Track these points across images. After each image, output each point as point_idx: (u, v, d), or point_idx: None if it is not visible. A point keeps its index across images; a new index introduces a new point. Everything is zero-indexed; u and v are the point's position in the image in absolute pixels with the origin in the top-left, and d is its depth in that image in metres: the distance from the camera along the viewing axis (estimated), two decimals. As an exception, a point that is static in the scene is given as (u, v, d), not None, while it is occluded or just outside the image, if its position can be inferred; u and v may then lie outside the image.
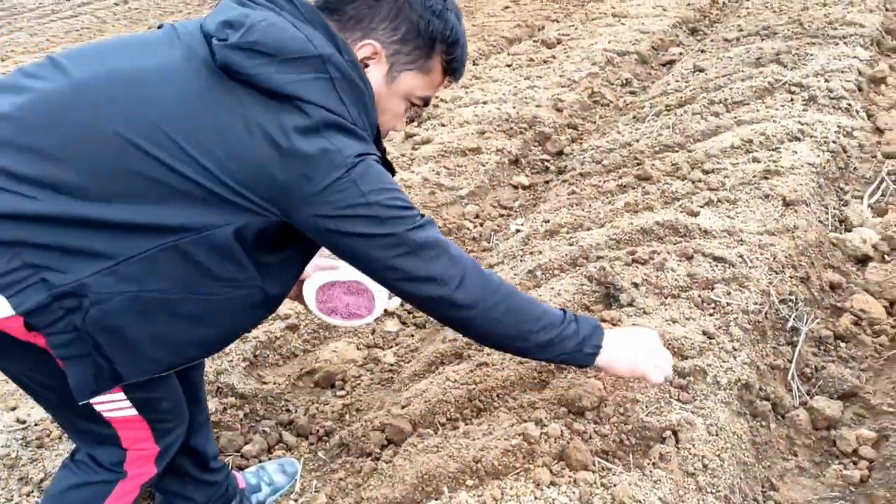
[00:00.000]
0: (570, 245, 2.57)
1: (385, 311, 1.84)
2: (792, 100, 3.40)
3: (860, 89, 3.68)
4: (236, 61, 1.22)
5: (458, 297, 1.37)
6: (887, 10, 5.35)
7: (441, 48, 1.40)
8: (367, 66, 1.36)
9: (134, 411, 1.40)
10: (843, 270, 2.46)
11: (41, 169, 1.17)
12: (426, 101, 1.47)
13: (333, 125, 1.25)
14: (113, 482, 1.48)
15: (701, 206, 2.64)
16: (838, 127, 3.17)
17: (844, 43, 4.22)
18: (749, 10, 5.45)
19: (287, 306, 2.59)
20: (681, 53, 5.29)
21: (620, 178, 3.09)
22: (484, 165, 3.68)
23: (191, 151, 1.20)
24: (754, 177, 2.77)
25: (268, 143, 1.22)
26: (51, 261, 1.17)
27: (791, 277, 2.30)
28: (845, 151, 3.06)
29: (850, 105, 3.37)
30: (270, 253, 1.34)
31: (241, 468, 2.04)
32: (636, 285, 2.24)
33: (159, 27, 1.37)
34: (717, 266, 2.30)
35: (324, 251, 1.46)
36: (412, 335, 2.60)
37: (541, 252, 2.62)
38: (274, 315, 2.41)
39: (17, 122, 1.19)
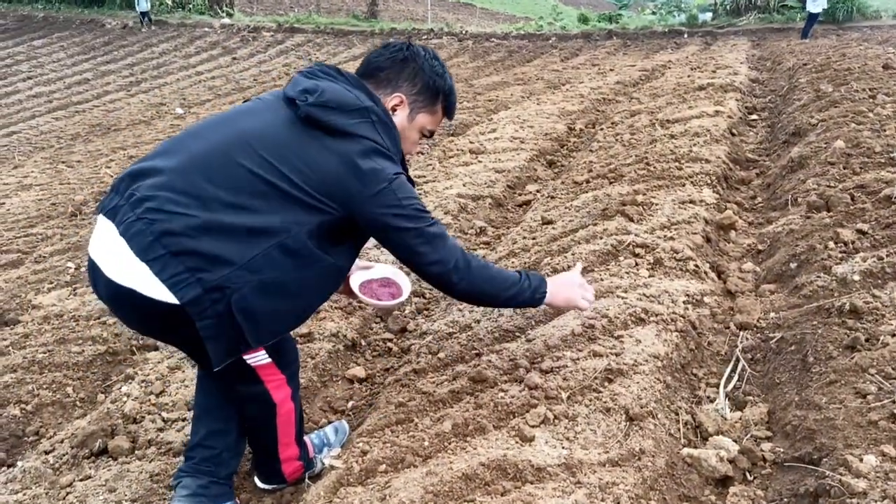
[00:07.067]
0: (382, 502, 2.09)
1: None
2: (637, 264, 3.14)
3: (708, 240, 3.48)
4: (315, 113, 1.87)
5: (454, 273, 2.08)
6: (733, 134, 5.38)
7: (442, 96, 2.13)
8: (395, 110, 2.07)
9: (269, 359, 2.03)
10: (700, 501, 2.08)
11: (197, 191, 1.78)
12: (431, 133, 2.19)
13: (378, 152, 1.93)
14: (270, 412, 2.12)
15: (536, 426, 2.25)
16: (686, 296, 2.90)
17: (691, 183, 4.09)
18: (601, 144, 5.38)
19: None
20: (537, 191, 5.11)
21: (455, 379, 2.68)
22: (314, 357, 3.20)
23: (287, 173, 1.83)
24: (595, 378, 2.41)
25: (340, 163, 1.87)
26: (203, 265, 1.73)
27: (638, 530, 1.89)
28: (695, 328, 2.77)
29: (697, 266, 3.13)
30: (338, 240, 1.94)
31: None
32: (450, 570, 1.78)
33: (246, 100, 2.15)
34: (549, 527, 1.87)
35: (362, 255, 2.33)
36: None
37: (348, 510, 2.12)
38: None
39: (176, 170, 1.82)
